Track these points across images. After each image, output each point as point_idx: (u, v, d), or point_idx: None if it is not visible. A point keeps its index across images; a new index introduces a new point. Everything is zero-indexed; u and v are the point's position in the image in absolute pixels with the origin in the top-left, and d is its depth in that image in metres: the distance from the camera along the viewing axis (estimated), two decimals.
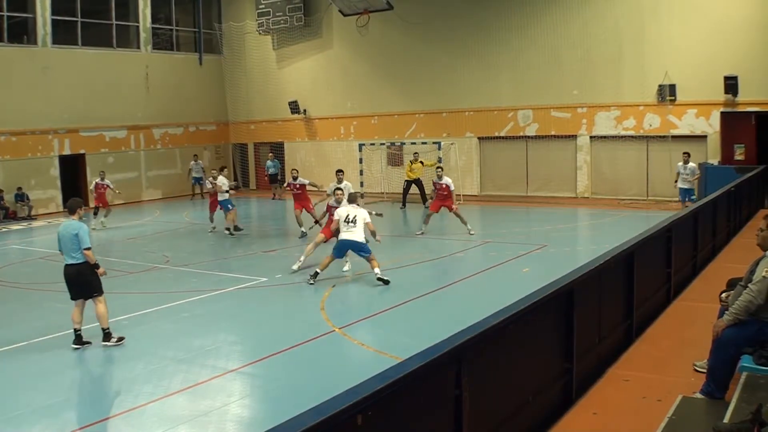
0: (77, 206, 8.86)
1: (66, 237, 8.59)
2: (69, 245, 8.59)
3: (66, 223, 8.74)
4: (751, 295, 5.03)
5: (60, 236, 8.68)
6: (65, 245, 8.64)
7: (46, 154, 24.55)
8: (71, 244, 8.55)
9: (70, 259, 8.64)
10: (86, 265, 8.65)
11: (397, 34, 25.50)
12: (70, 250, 8.60)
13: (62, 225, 8.77)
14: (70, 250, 8.60)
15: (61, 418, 6.65)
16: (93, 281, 8.74)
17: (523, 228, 17.94)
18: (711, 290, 6.94)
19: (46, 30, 24.11)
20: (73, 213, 8.79)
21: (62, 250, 8.73)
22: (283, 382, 7.59)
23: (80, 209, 8.86)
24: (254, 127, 30.49)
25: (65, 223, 8.75)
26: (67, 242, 8.60)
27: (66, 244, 8.62)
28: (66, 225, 8.68)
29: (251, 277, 12.72)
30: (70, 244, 8.57)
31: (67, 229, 8.60)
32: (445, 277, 12.37)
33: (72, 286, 8.73)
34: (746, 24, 19.51)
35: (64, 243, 8.64)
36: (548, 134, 23.24)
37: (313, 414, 2.84)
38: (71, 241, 8.54)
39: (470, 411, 3.97)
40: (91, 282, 8.72)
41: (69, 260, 8.65)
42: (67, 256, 8.66)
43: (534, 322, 5.03)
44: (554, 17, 22.45)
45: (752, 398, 4.36)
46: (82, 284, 8.68)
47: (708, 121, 20.60)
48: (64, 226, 8.68)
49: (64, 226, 8.67)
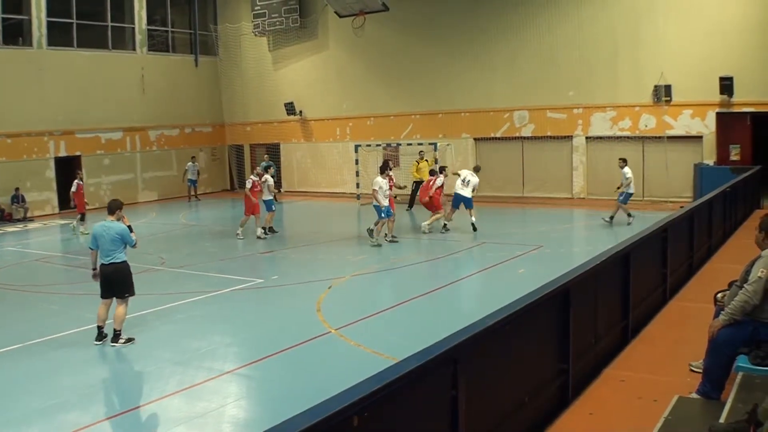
0: (116, 207, 8.95)
1: (106, 237, 8.72)
2: (109, 245, 8.72)
3: (104, 223, 8.85)
4: (747, 296, 5.03)
5: (98, 235, 8.78)
6: (104, 245, 8.74)
7: (42, 155, 24.49)
8: (111, 244, 8.70)
9: (108, 258, 8.76)
10: (125, 265, 8.84)
11: (393, 35, 25.52)
12: (110, 249, 8.73)
13: (100, 225, 8.88)
14: (110, 250, 8.73)
15: (57, 420, 6.62)
16: (128, 282, 8.93)
17: (519, 229, 17.95)
18: (707, 291, 6.95)
19: (42, 32, 24.06)
20: (112, 213, 8.87)
21: (99, 248, 8.81)
22: (280, 383, 7.59)
23: (119, 210, 8.94)
24: (250, 128, 30.47)
25: (103, 223, 8.86)
26: (106, 242, 8.72)
27: (105, 243, 8.73)
28: (105, 225, 8.80)
29: (247, 278, 12.71)
30: (110, 245, 8.71)
31: (107, 230, 8.74)
32: (441, 278, 12.38)
33: (108, 284, 8.85)
34: (742, 25, 19.56)
35: (103, 243, 8.74)
36: (544, 135, 23.28)
37: (309, 415, 2.84)
38: (112, 241, 8.69)
39: (466, 412, 3.97)
40: (126, 282, 8.90)
41: (107, 260, 8.76)
42: (105, 256, 8.76)
43: (530, 323, 5.03)
44: (550, 18, 22.49)
45: (748, 398, 4.36)
46: (118, 283, 8.84)
47: (704, 122, 20.64)
48: (102, 226, 8.81)
49: (103, 227, 8.79)
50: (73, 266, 15.54)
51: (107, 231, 8.74)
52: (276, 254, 15.73)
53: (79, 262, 15.73)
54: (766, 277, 5.03)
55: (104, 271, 8.83)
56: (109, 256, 8.76)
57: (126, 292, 8.91)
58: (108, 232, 8.73)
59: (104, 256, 8.80)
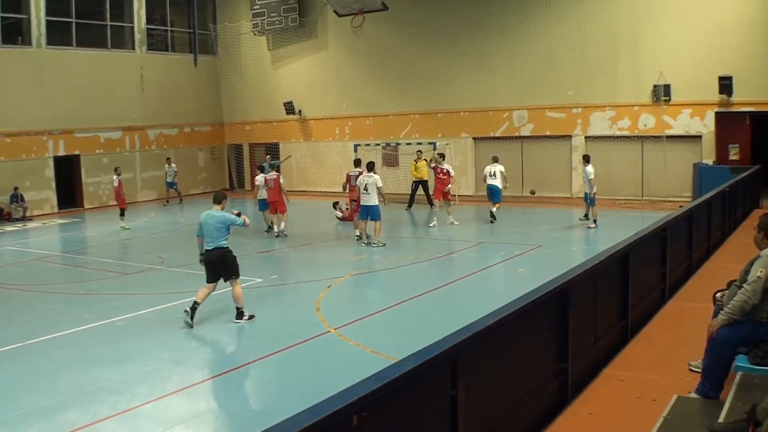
0: (223, 198, 9.85)
1: (211, 224, 9.45)
2: (214, 232, 9.43)
3: (210, 212, 9.57)
4: (746, 295, 5.03)
5: (204, 224, 9.52)
6: (210, 232, 9.45)
7: (41, 155, 24.48)
8: (217, 231, 9.43)
9: (213, 244, 9.45)
10: (228, 250, 9.56)
11: (392, 34, 25.51)
12: (215, 236, 9.43)
13: (206, 213, 9.61)
14: (215, 237, 9.43)
15: (56, 419, 6.62)
16: (233, 265, 9.61)
17: (518, 228, 17.95)
18: (706, 290, 6.95)
19: (41, 31, 24.04)
20: (218, 203, 9.68)
21: (205, 235, 9.51)
22: (279, 382, 7.59)
23: (225, 201, 9.80)
24: (249, 127, 30.46)
25: (209, 212, 9.60)
26: (212, 229, 9.44)
27: (211, 231, 9.44)
28: (210, 214, 9.53)
29: (247, 278, 12.62)
30: (215, 232, 9.43)
31: (211, 218, 9.47)
32: (440, 278, 12.38)
33: (213, 268, 9.55)
34: (741, 24, 19.56)
35: (209, 230, 9.46)
36: (543, 134, 23.28)
37: (308, 415, 2.84)
38: (217, 228, 9.43)
39: (466, 411, 3.97)
40: (231, 265, 9.59)
41: (212, 245, 9.46)
42: (211, 242, 9.46)
43: (529, 323, 5.03)
44: (549, 18, 22.49)
45: (747, 398, 4.37)
46: (223, 267, 9.56)
47: (703, 122, 20.65)
48: (208, 215, 9.54)
49: (208, 215, 9.53)
50: (73, 265, 15.55)
51: (212, 219, 9.47)
52: (275, 254, 15.73)
53: (78, 262, 15.76)
54: (765, 277, 5.04)
55: (209, 256, 9.53)
56: (213, 242, 9.44)
57: (232, 274, 9.63)
58: (212, 220, 9.46)
59: (209, 242, 9.48)
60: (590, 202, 17.00)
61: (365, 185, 15.05)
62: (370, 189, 14.97)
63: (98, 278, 13.46)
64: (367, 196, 15.01)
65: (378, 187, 14.98)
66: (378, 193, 15.00)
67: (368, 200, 15.03)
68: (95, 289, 12.45)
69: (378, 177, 15.28)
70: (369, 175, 15.21)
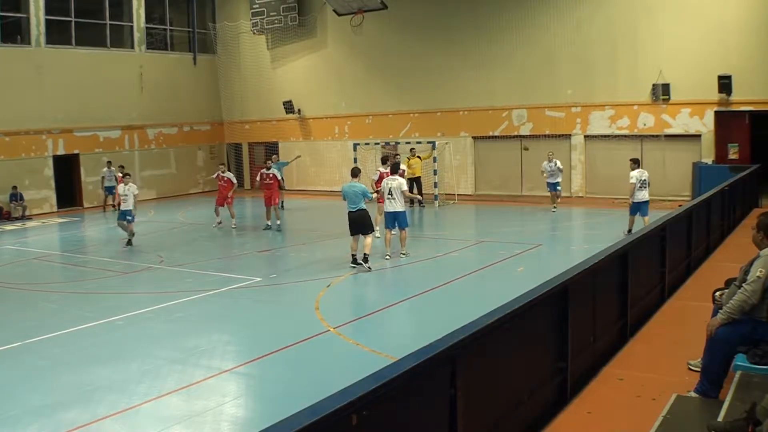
0: (358, 172, 13.32)
1: (352, 192, 12.70)
2: (354, 198, 12.66)
3: (351, 183, 12.88)
4: (746, 295, 5.04)
5: (346, 192, 12.83)
6: (351, 198, 12.70)
7: (40, 154, 24.45)
8: (355, 197, 12.64)
9: (355, 206, 12.63)
10: (365, 211, 12.70)
11: (392, 33, 25.50)
12: (356, 201, 12.61)
13: (348, 184, 12.92)
14: (356, 201, 12.61)
15: (55, 418, 6.62)
16: (369, 222, 12.85)
17: (518, 227, 17.95)
18: (705, 289, 6.95)
19: (40, 30, 24.01)
20: (356, 177, 12.99)
21: (348, 201, 12.73)
22: (278, 381, 7.58)
23: (360, 173, 13.29)
24: (249, 126, 30.44)
25: (350, 183, 12.91)
26: (352, 196, 12.69)
27: (351, 197, 12.69)
28: (351, 185, 12.83)
29: (246, 277, 12.70)
30: (354, 197, 12.65)
31: (352, 188, 12.73)
32: (439, 277, 12.37)
33: (355, 225, 12.70)
34: (740, 23, 19.57)
35: (350, 196, 12.70)
36: (542, 134, 23.27)
37: (307, 414, 2.84)
38: (355, 194, 12.64)
39: (465, 410, 3.97)
40: (367, 222, 12.79)
41: (354, 207, 12.64)
42: (353, 205, 12.65)
43: (528, 322, 5.03)
44: (548, 17, 22.49)
45: (746, 397, 4.37)
46: (363, 224, 12.70)
47: (702, 121, 20.65)
48: (350, 186, 12.83)
49: (350, 186, 12.81)
50: (72, 264, 15.55)
51: (352, 188, 12.70)
52: (274, 252, 15.72)
53: (77, 261, 15.75)
54: (764, 277, 5.04)
55: (352, 216, 12.68)
56: (355, 205, 12.62)
57: (368, 230, 12.79)
58: (353, 189, 12.68)
59: (352, 206, 12.63)
60: (552, 189, 17.14)
61: (389, 189, 13.56)
62: (395, 194, 13.49)
63: (97, 277, 13.46)
64: (393, 202, 13.54)
65: (402, 191, 13.65)
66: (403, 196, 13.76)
67: (394, 206, 13.54)
68: (94, 288, 12.44)
69: (403, 180, 14.05)
70: (393, 178, 13.88)
